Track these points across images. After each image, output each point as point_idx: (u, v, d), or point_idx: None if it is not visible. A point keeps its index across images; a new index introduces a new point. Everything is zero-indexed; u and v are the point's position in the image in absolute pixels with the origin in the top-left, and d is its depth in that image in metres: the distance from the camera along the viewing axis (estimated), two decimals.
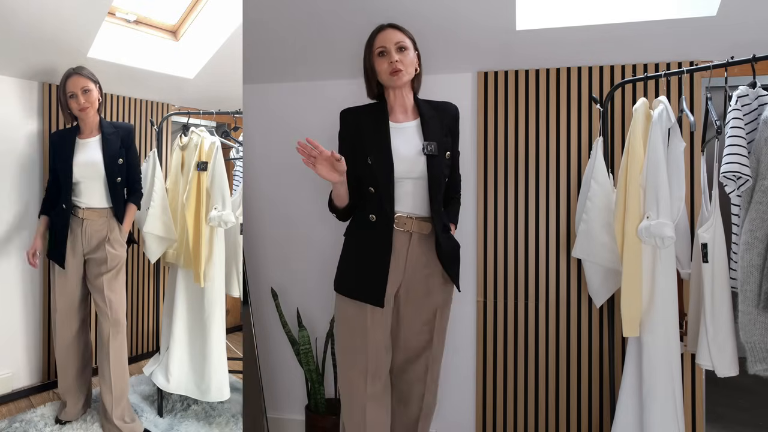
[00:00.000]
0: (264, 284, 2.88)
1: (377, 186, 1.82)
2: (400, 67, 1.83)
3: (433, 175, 1.84)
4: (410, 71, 1.87)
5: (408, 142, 1.87)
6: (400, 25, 1.92)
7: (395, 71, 1.83)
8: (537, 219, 2.55)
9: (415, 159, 1.85)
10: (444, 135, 1.92)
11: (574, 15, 2.36)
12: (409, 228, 1.85)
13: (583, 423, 2.49)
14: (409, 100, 1.94)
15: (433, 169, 1.85)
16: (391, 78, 1.85)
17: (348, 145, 1.91)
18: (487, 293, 2.58)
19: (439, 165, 1.86)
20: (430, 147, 1.85)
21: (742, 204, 1.86)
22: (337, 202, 1.88)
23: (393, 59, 1.83)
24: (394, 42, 1.85)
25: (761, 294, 1.77)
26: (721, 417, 2.95)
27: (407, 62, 1.85)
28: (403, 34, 1.89)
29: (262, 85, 2.88)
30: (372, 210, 1.84)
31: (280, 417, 2.85)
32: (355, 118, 1.91)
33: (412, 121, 1.92)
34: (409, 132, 1.90)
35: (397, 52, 1.85)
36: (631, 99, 2.47)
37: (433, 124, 1.90)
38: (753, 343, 1.80)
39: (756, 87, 1.89)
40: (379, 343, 1.85)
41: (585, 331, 2.49)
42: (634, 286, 1.93)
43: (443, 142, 1.90)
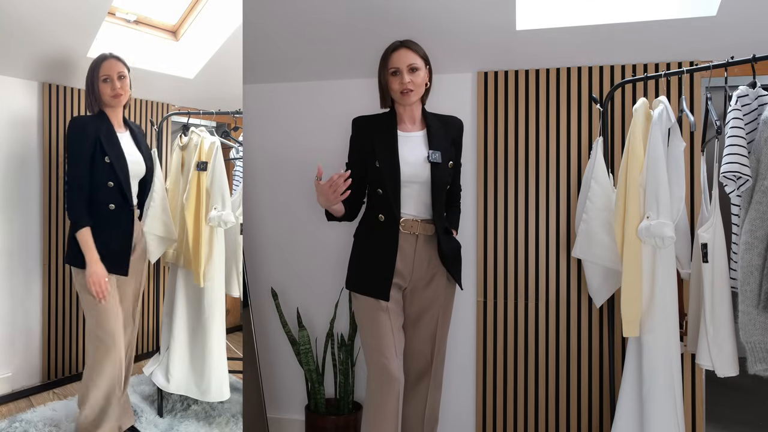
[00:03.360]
0: (264, 284, 2.88)
1: (385, 188, 1.97)
2: (411, 87, 1.97)
3: (436, 181, 2.00)
4: (420, 91, 2.02)
5: (414, 149, 2.03)
6: (413, 43, 2.02)
7: (406, 92, 1.97)
8: (537, 219, 2.55)
9: (421, 165, 2.00)
10: (448, 146, 2.07)
11: (574, 15, 2.36)
12: (416, 230, 2.01)
13: (583, 423, 2.49)
14: (418, 112, 2.09)
15: (436, 176, 2.00)
16: (402, 97, 2.00)
17: (359, 150, 2.07)
18: (487, 293, 2.58)
19: (443, 172, 2.02)
20: (434, 155, 2.00)
21: (742, 204, 1.86)
22: (334, 214, 2.06)
23: (405, 80, 1.97)
24: (407, 64, 1.97)
25: (761, 294, 1.77)
26: (721, 417, 2.94)
27: (418, 82, 1.99)
28: (415, 54, 1.99)
29: (262, 85, 2.88)
30: (381, 210, 2.01)
31: (280, 417, 2.85)
32: (367, 125, 2.08)
33: (419, 131, 2.08)
34: (416, 141, 2.05)
35: (409, 73, 1.97)
36: (631, 99, 2.47)
37: (438, 135, 2.06)
38: (753, 343, 1.80)
39: (756, 87, 1.89)
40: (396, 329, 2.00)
41: (585, 331, 2.49)
42: (634, 286, 1.93)
43: (447, 152, 2.05)
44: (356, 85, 2.75)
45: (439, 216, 2.03)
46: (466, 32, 2.44)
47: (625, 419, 2.06)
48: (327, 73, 2.75)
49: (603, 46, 2.42)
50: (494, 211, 2.59)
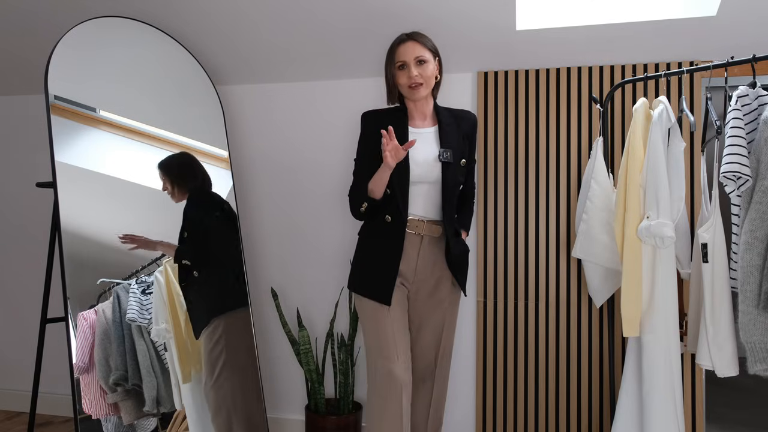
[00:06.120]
0: (264, 284, 2.88)
1: (393, 188, 1.89)
2: (419, 80, 1.89)
3: (447, 181, 1.92)
4: (430, 84, 1.93)
5: (425, 147, 1.94)
6: (420, 35, 1.94)
7: (415, 86, 1.89)
8: (537, 219, 2.55)
9: (431, 164, 1.92)
10: (461, 143, 1.98)
11: (574, 15, 2.36)
12: (421, 231, 1.93)
13: (583, 423, 2.49)
14: (429, 107, 2.01)
15: (447, 176, 1.92)
16: (411, 92, 1.91)
17: (368, 146, 1.98)
18: (487, 293, 2.58)
19: (454, 172, 1.94)
20: (446, 154, 1.92)
21: (742, 204, 1.86)
22: (375, 190, 1.89)
23: (413, 74, 1.88)
24: (414, 56, 1.89)
25: (761, 294, 1.77)
26: (721, 417, 2.94)
27: (427, 75, 1.90)
28: (422, 47, 1.91)
29: (262, 85, 2.88)
30: (388, 211, 1.93)
31: (280, 417, 2.85)
32: (376, 120, 1.97)
33: (430, 127, 1.99)
34: (427, 138, 1.97)
35: (417, 66, 1.90)
36: (631, 99, 2.47)
37: (450, 131, 1.97)
38: (753, 343, 1.80)
39: (756, 87, 1.89)
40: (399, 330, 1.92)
41: (585, 331, 2.49)
42: (634, 286, 1.93)
43: (459, 149, 1.97)
44: (357, 85, 2.75)
45: (449, 218, 1.95)
46: (467, 32, 2.44)
47: (625, 419, 2.06)
48: (327, 72, 2.75)
49: (603, 46, 2.42)
50: (494, 211, 2.59)
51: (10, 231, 3.21)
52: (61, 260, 2.09)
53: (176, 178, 2.47)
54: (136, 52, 2.50)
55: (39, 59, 2.84)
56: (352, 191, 2.02)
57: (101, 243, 2.26)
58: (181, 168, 2.51)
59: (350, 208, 2.01)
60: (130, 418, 2.26)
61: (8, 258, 3.21)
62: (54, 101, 2.23)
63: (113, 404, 2.25)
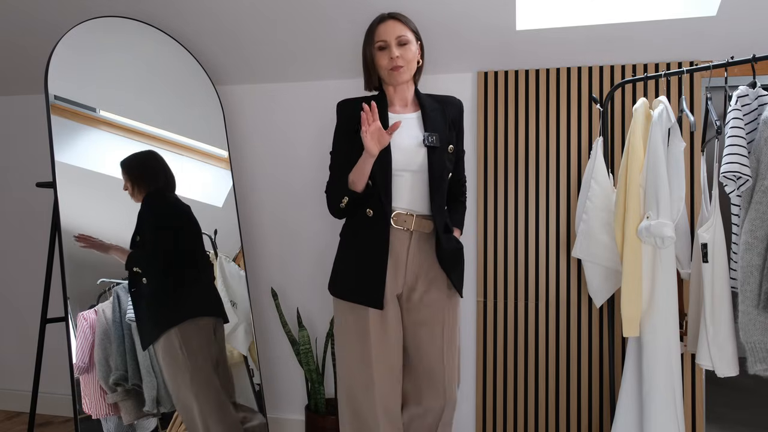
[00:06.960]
0: (264, 284, 2.88)
1: (374, 178, 1.72)
2: (400, 63, 1.74)
3: (433, 168, 1.75)
4: (412, 67, 1.79)
5: (408, 132, 1.78)
6: (402, 15, 1.82)
7: (396, 67, 1.75)
8: (537, 219, 2.55)
9: (414, 150, 1.75)
10: (447, 128, 1.82)
11: (574, 15, 2.36)
12: (409, 226, 1.75)
13: (583, 423, 2.49)
14: (410, 93, 1.85)
15: (433, 162, 1.75)
16: (392, 74, 1.76)
17: (345, 137, 1.82)
18: (487, 293, 2.58)
19: (441, 158, 1.77)
20: (431, 138, 1.75)
21: (742, 204, 1.86)
22: (357, 182, 1.73)
23: (394, 55, 1.74)
24: (395, 36, 1.75)
25: (761, 294, 1.77)
26: (721, 417, 2.94)
27: (408, 57, 1.76)
28: (404, 26, 1.78)
29: (262, 85, 2.88)
30: (369, 204, 1.75)
31: (280, 417, 2.85)
32: (353, 109, 1.81)
33: (413, 113, 1.84)
34: (410, 123, 1.80)
35: (398, 47, 1.75)
36: (631, 99, 2.47)
37: (434, 116, 1.81)
38: (753, 343, 1.80)
39: (756, 87, 1.89)
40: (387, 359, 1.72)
41: (585, 331, 2.49)
42: (634, 286, 1.93)
43: (446, 135, 1.80)
44: (357, 85, 2.75)
45: (439, 211, 1.75)
46: (467, 32, 2.44)
47: (625, 419, 2.06)
48: (327, 72, 2.75)
49: (603, 46, 2.42)
50: (494, 211, 2.59)
51: (10, 231, 3.21)
52: (61, 260, 2.09)
53: (136, 178, 2.36)
54: (136, 53, 2.50)
55: (39, 59, 2.84)
56: (329, 187, 1.83)
57: None
58: (142, 168, 2.40)
59: (328, 206, 1.83)
60: (130, 418, 2.26)
61: (8, 258, 3.21)
62: (54, 101, 2.23)
63: (113, 404, 2.24)
